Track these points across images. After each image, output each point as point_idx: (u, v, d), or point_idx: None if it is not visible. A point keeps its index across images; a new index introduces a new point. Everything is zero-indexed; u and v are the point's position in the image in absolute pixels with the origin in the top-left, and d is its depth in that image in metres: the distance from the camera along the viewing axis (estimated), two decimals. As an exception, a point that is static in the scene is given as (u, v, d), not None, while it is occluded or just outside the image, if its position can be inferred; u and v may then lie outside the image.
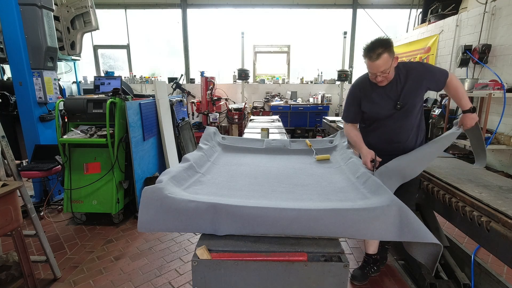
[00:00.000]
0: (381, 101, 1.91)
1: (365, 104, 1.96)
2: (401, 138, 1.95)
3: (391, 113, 1.91)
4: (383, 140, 1.99)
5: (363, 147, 1.91)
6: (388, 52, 1.70)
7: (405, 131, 1.94)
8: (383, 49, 1.68)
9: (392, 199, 1.21)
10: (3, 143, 1.90)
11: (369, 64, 1.76)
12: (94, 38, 8.06)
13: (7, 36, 3.13)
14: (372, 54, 1.71)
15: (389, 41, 1.72)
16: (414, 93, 1.86)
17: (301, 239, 1.19)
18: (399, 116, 1.91)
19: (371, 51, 1.71)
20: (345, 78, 7.18)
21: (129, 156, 3.11)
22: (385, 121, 1.95)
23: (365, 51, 1.75)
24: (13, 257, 2.05)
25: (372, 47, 1.71)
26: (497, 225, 1.36)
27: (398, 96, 1.87)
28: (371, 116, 1.98)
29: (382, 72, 1.75)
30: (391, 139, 1.97)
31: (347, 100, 2.08)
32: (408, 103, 1.87)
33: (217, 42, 8.23)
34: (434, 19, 5.93)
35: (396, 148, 1.94)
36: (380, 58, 1.70)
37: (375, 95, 1.91)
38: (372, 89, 1.92)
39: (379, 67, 1.72)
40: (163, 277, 2.26)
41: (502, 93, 3.84)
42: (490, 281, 1.85)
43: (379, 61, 1.70)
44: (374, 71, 1.76)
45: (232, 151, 2.28)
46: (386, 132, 1.97)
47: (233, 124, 7.01)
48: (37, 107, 3.36)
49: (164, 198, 1.21)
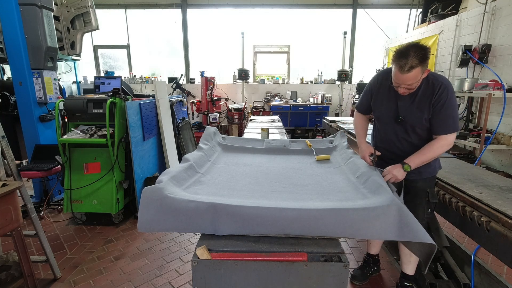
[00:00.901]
0: (387, 108, 1.74)
1: (374, 101, 1.83)
2: (399, 151, 1.77)
3: (390, 123, 1.76)
4: (384, 147, 1.85)
5: (363, 142, 1.84)
6: (422, 66, 1.45)
7: (404, 146, 1.75)
8: (418, 62, 1.43)
9: (392, 199, 1.21)
10: (3, 143, 1.90)
11: (396, 74, 1.51)
12: (94, 38, 8.07)
13: (7, 36, 3.13)
14: (403, 65, 1.45)
15: (426, 52, 1.45)
16: (419, 112, 1.62)
17: (301, 239, 1.19)
18: (399, 129, 1.74)
19: (404, 60, 1.44)
20: (345, 78, 7.18)
21: (129, 156, 3.11)
22: (386, 128, 1.81)
23: (396, 58, 1.48)
24: (13, 257, 2.05)
25: (406, 56, 1.44)
26: (497, 225, 1.36)
27: (404, 110, 1.68)
28: (375, 115, 1.87)
29: (408, 85, 1.53)
30: (390, 148, 1.83)
31: (365, 89, 1.92)
32: (409, 120, 1.67)
33: (217, 42, 8.23)
34: (434, 19, 5.93)
35: (393, 157, 1.79)
36: (412, 72, 1.45)
37: (387, 98, 1.74)
38: (390, 90, 1.72)
39: (406, 81, 1.50)
40: (163, 277, 2.26)
41: (502, 93, 3.84)
42: (490, 281, 1.85)
43: (409, 75, 1.46)
44: (399, 82, 1.53)
45: (232, 151, 2.28)
46: (387, 140, 1.83)
47: (233, 124, 7.01)
48: (37, 107, 3.36)
49: (164, 198, 1.21)
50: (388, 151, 1.84)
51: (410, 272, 1.94)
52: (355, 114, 2.04)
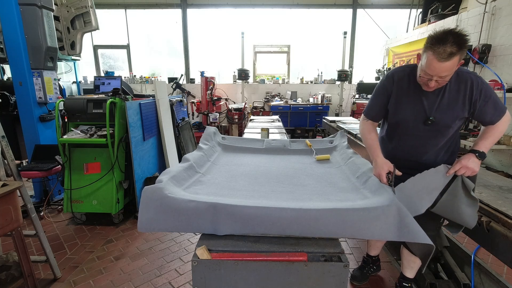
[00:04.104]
0: (413, 107, 1.54)
1: (393, 102, 1.61)
2: (423, 160, 1.61)
3: (416, 126, 1.56)
4: (401, 157, 1.66)
5: (379, 156, 1.58)
6: (461, 54, 1.29)
7: (429, 153, 1.59)
8: (458, 49, 1.26)
9: (392, 199, 1.21)
10: (3, 143, 1.90)
11: (431, 63, 1.31)
12: (94, 38, 8.06)
13: (7, 36, 3.13)
14: (442, 51, 1.26)
15: (466, 39, 1.28)
16: (452, 111, 1.47)
17: (301, 239, 1.19)
18: (426, 133, 1.55)
19: (442, 46, 1.26)
20: (345, 78, 7.18)
21: (129, 156, 3.11)
22: (408, 133, 1.62)
23: (432, 43, 1.30)
24: (13, 257, 2.05)
25: (444, 42, 1.26)
26: (497, 225, 1.37)
27: (434, 109, 1.49)
28: (394, 121, 1.64)
29: (441, 77, 1.35)
30: (411, 157, 1.64)
31: (376, 91, 1.69)
32: (441, 121, 1.49)
33: (217, 42, 8.23)
34: (434, 19, 5.93)
35: (414, 166, 1.58)
36: (451, 60, 1.28)
37: (409, 97, 1.55)
38: (409, 88, 1.54)
39: (443, 70, 1.31)
40: (163, 277, 2.26)
41: (502, 93, 3.84)
42: (490, 281, 1.85)
43: (447, 64, 1.28)
44: (434, 73, 1.33)
45: (232, 151, 2.28)
46: (406, 147, 1.65)
47: (233, 124, 7.01)
48: (37, 107, 3.36)
49: (164, 198, 1.21)
50: (408, 161, 1.64)
51: (410, 276, 1.91)
52: (363, 123, 1.77)
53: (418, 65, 1.44)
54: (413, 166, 1.56)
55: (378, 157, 1.57)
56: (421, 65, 1.40)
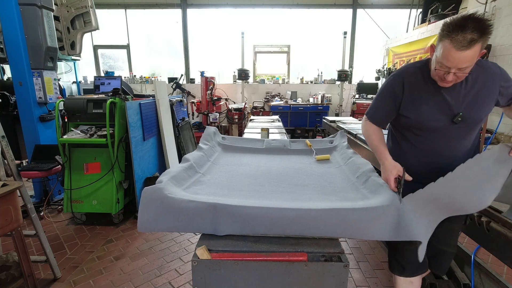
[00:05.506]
0: (435, 107, 1.34)
1: (409, 106, 1.39)
2: (447, 163, 1.38)
3: (444, 126, 1.36)
4: (422, 162, 1.45)
5: (387, 158, 1.40)
6: (483, 42, 1.13)
7: (456, 155, 1.40)
8: (479, 35, 1.10)
9: (392, 199, 1.20)
10: (3, 143, 1.90)
11: (449, 52, 1.15)
12: (94, 38, 8.06)
13: (7, 36, 3.14)
14: (461, 39, 1.11)
15: (488, 24, 1.13)
16: (483, 103, 1.32)
17: (301, 239, 1.19)
18: (455, 132, 1.36)
19: (461, 33, 1.11)
20: (345, 78, 7.18)
21: (129, 156, 3.11)
22: (432, 135, 1.40)
23: (449, 30, 1.14)
24: (13, 257, 2.05)
25: (464, 28, 1.10)
26: (497, 225, 1.37)
27: (460, 104, 1.32)
28: (414, 125, 1.42)
29: (460, 70, 1.19)
30: (434, 162, 1.43)
31: (381, 93, 1.49)
32: (472, 116, 1.32)
33: (217, 42, 8.23)
34: (434, 19, 5.93)
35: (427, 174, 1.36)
36: (472, 48, 1.12)
37: (428, 97, 1.36)
38: (426, 86, 1.36)
39: (462, 61, 1.15)
40: (163, 277, 2.26)
41: (502, 93, 3.84)
42: (490, 281, 1.85)
43: (467, 52, 1.12)
44: (452, 65, 1.17)
45: (232, 151, 2.28)
46: (428, 151, 1.43)
47: (233, 124, 7.01)
48: (37, 107, 3.36)
49: (164, 198, 1.21)
50: (431, 166, 1.43)
51: None
52: (365, 124, 1.60)
53: (432, 58, 1.29)
54: (426, 174, 1.36)
55: (386, 159, 1.40)
56: (436, 57, 1.24)
